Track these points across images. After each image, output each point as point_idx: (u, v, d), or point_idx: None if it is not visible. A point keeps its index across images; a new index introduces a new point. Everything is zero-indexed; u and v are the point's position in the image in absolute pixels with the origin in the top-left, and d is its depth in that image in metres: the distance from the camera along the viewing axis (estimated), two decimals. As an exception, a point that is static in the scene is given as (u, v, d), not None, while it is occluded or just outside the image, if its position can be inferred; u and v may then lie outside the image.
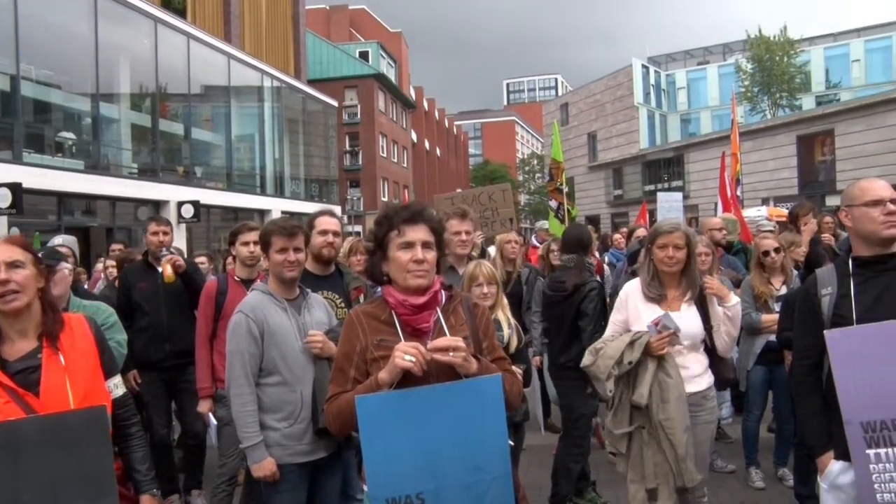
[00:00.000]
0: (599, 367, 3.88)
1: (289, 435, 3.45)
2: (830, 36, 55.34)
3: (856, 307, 2.89)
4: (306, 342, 3.50)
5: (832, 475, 2.94)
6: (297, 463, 3.45)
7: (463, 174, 79.65)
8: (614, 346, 3.91)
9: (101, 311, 4.26)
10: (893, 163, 28.33)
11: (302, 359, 3.50)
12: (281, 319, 3.51)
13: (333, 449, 3.57)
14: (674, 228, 4.02)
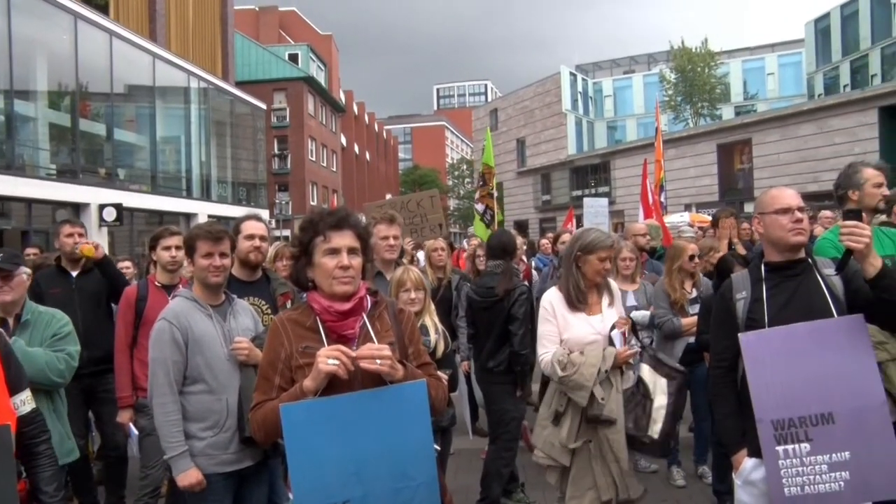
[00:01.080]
0: (584, 374, 3.87)
1: (214, 444, 3.38)
2: (747, 49, 57.72)
3: (767, 311, 3.02)
4: (232, 349, 3.43)
5: (746, 472, 3.06)
6: (222, 472, 3.38)
7: (392, 179, 79.47)
8: (594, 353, 3.93)
9: (56, 320, 4.02)
10: (805, 171, 29.57)
11: (227, 366, 3.43)
12: (206, 326, 3.44)
13: (260, 458, 3.51)
14: (612, 242, 4.13)
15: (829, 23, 42.08)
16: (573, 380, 3.87)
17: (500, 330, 5.33)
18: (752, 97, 52.68)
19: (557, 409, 4.05)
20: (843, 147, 28.61)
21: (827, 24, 42.36)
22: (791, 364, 2.87)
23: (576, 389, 3.87)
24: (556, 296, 4.19)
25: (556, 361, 3.93)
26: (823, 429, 2.83)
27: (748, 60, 54.48)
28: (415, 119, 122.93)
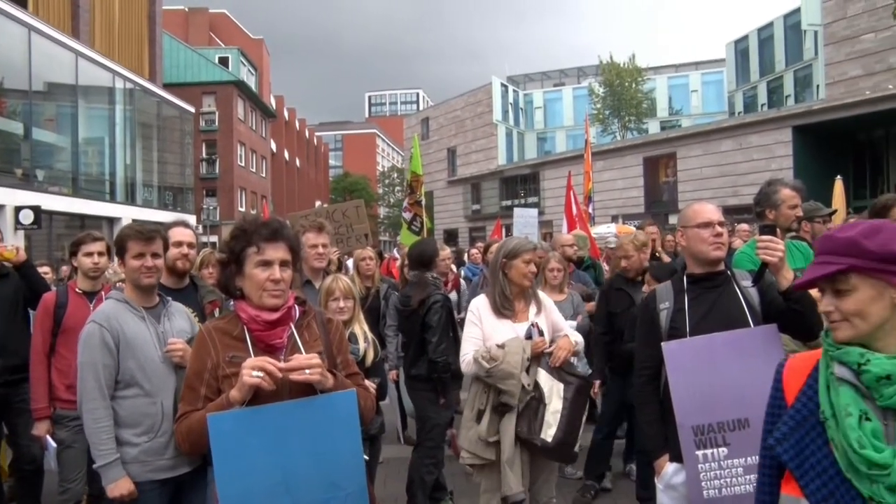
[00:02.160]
0: (510, 362, 3.92)
1: (148, 450, 3.26)
2: (673, 67, 59.41)
3: (689, 321, 3.14)
4: (167, 351, 3.34)
5: (667, 476, 3.17)
6: (158, 479, 3.27)
7: (323, 186, 78.82)
8: (514, 343, 4.01)
9: None
10: (726, 185, 30.65)
11: (162, 368, 3.34)
12: (138, 328, 3.34)
13: (198, 463, 3.38)
14: (535, 245, 4.23)
15: (748, 44, 43.69)
16: (501, 369, 3.93)
17: (419, 338, 5.41)
18: (676, 113, 54.25)
19: (479, 407, 4.11)
20: (761, 163, 29.79)
21: (746, 45, 43.98)
22: (710, 372, 2.98)
23: (505, 378, 3.94)
24: (483, 302, 4.27)
25: (479, 357, 3.99)
26: (740, 433, 2.95)
27: (673, 77, 56.13)
28: (346, 126, 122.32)
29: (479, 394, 4.13)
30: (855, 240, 1.75)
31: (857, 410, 1.67)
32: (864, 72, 27.61)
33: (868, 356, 1.68)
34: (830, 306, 1.76)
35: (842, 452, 1.68)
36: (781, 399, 1.89)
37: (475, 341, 4.17)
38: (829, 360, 1.79)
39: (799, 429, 1.80)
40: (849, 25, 28.30)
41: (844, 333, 1.74)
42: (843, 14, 28.60)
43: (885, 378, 1.65)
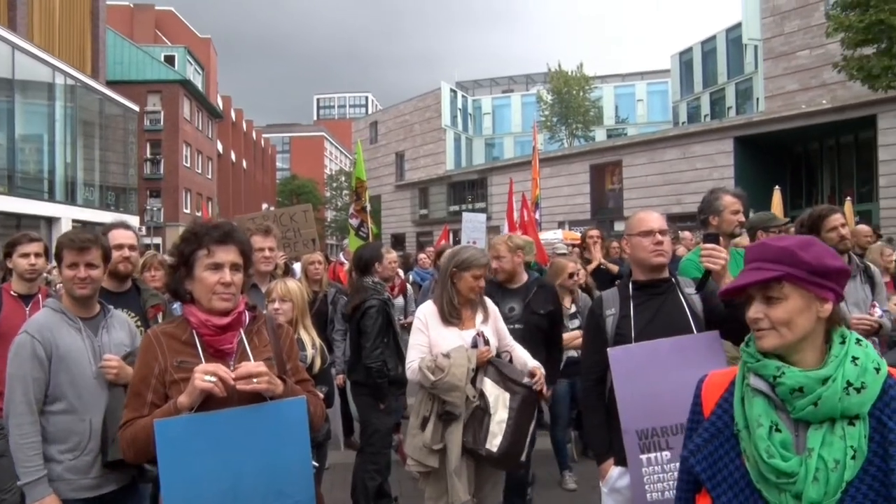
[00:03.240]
0: (455, 374, 3.91)
1: (73, 468, 3.14)
2: (619, 76, 60.49)
3: (634, 327, 3.20)
4: (100, 367, 3.20)
5: (612, 480, 3.22)
6: (81, 498, 3.15)
7: (270, 188, 77.94)
8: (460, 354, 3.99)
9: None
10: (670, 194, 31.30)
11: (94, 384, 3.20)
12: (73, 341, 3.20)
13: (126, 482, 3.29)
14: (487, 261, 4.24)
15: (692, 56, 44.70)
16: (446, 382, 3.92)
17: (357, 343, 5.43)
18: (622, 121, 55.21)
19: (424, 414, 4.11)
20: (704, 172, 30.51)
21: (690, 57, 44.98)
22: (654, 377, 3.04)
23: (450, 391, 3.93)
24: (430, 309, 4.26)
25: (424, 367, 3.99)
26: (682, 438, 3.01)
27: (620, 86, 57.13)
28: (294, 128, 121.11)
29: (425, 401, 4.13)
30: (791, 249, 1.81)
31: (768, 421, 1.74)
32: (800, 86, 28.52)
33: (784, 369, 1.75)
34: (760, 313, 1.81)
35: (753, 463, 1.75)
36: (700, 413, 1.96)
37: (421, 348, 4.16)
38: (745, 372, 1.85)
39: (713, 441, 1.86)
40: (786, 42, 29.21)
41: (771, 342, 1.79)
42: (780, 31, 29.51)
43: (798, 391, 1.71)
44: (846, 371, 1.72)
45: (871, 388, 1.71)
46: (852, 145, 29.10)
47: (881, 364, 1.76)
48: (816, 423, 1.71)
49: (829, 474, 1.66)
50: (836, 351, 1.76)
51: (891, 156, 25.10)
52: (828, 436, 1.69)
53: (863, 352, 1.77)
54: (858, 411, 1.69)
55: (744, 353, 1.87)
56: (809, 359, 1.78)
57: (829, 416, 1.70)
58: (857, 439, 1.68)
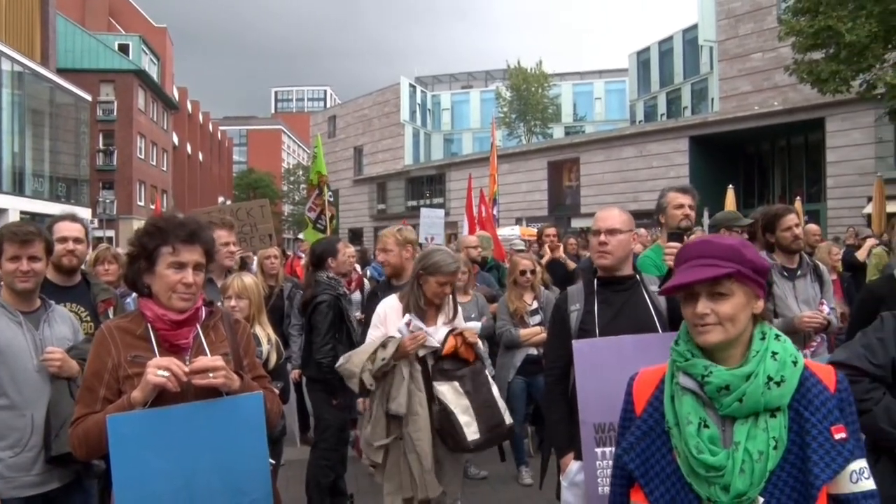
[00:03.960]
0: (353, 361, 3.94)
1: (14, 465, 3.05)
2: (578, 74, 60.92)
3: (598, 322, 3.23)
4: (43, 360, 3.12)
5: (571, 474, 3.25)
6: (23, 497, 3.06)
7: (226, 181, 76.98)
8: (367, 344, 4.05)
9: None
10: (627, 191, 31.65)
11: (36, 379, 3.12)
12: (13, 334, 3.12)
13: (70, 479, 3.20)
14: (457, 268, 4.19)
15: (650, 56, 45.21)
16: (345, 368, 3.98)
17: (309, 339, 5.41)
18: (580, 119, 55.65)
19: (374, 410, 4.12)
20: (660, 170, 30.94)
21: (647, 57, 45.50)
22: (616, 372, 3.04)
23: (349, 378, 3.99)
24: (392, 304, 4.24)
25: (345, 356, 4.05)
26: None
27: (578, 84, 57.54)
28: (251, 121, 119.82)
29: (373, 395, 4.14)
30: (737, 247, 1.89)
31: (696, 419, 1.82)
32: (753, 88, 29.08)
33: (711, 368, 1.83)
34: (707, 309, 1.85)
35: (684, 458, 1.83)
36: (632, 411, 2.03)
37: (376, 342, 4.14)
38: (674, 371, 1.93)
39: (645, 438, 1.94)
40: (740, 44, 29.74)
41: (716, 337, 1.85)
42: (735, 33, 30.03)
43: (725, 388, 1.80)
44: (767, 366, 1.81)
45: (790, 381, 1.81)
46: (802, 147, 29.81)
47: (798, 357, 1.86)
48: (742, 418, 1.80)
49: (754, 465, 1.75)
50: (756, 346, 1.85)
51: (837, 158, 25.78)
52: (752, 429, 1.79)
53: (781, 346, 1.86)
54: (779, 403, 1.79)
55: (673, 353, 1.94)
56: (738, 354, 1.87)
57: (754, 410, 1.79)
58: (778, 430, 1.78)
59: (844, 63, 15.91)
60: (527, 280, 6.24)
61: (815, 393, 1.81)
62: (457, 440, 3.98)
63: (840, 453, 1.76)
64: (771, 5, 27.47)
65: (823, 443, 1.76)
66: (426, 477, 3.94)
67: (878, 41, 15.34)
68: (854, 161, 25.23)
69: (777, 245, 4.51)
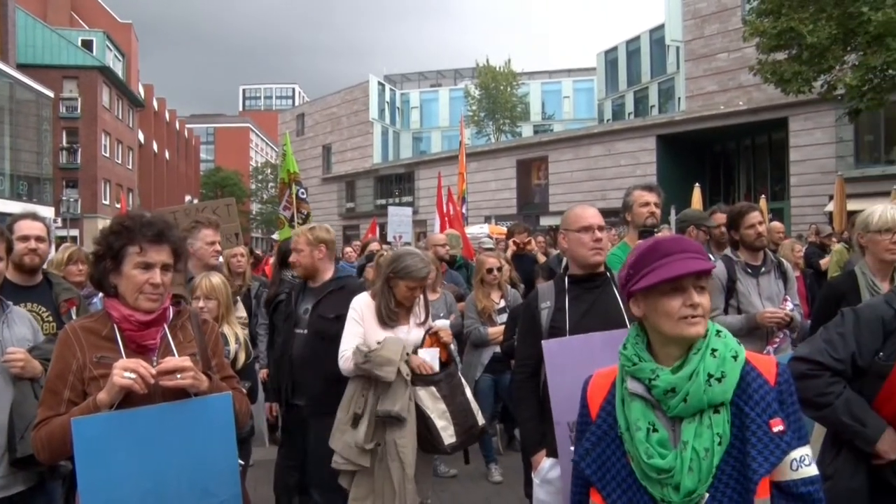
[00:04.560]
0: (390, 348, 3.91)
1: None
2: (546, 73, 61.23)
3: (569, 320, 3.24)
4: (4, 360, 3.03)
5: (544, 471, 3.25)
6: None
7: (193, 180, 76.10)
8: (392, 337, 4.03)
9: None
10: (595, 189, 31.90)
11: None
12: None
13: (34, 481, 3.13)
14: (427, 272, 4.19)
15: (617, 55, 45.54)
16: (380, 355, 3.89)
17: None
18: (549, 117, 55.86)
19: (356, 411, 4.05)
20: (627, 169, 31.21)
21: (615, 56, 45.84)
22: (587, 370, 3.07)
23: (384, 365, 3.89)
24: (366, 301, 4.24)
25: (357, 349, 3.98)
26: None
27: (547, 83, 57.79)
28: (219, 119, 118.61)
29: (357, 396, 4.09)
30: (700, 247, 1.98)
31: (645, 424, 1.85)
32: (719, 88, 29.45)
33: (658, 372, 1.86)
34: (698, 300, 1.87)
35: (636, 462, 1.85)
36: (587, 415, 2.05)
37: (357, 338, 4.12)
38: (623, 375, 1.95)
39: (600, 443, 1.96)
40: (706, 44, 30.10)
41: (702, 328, 1.88)
42: (701, 33, 30.39)
43: (671, 391, 1.83)
44: (707, 364, 1.84)
45: (731, 376, 1.84)
46: (766, 145, 30.27)
47: (739, 352, 1.89)
48: (689, 417, 1.83)
49: (701, 463, 1.79)
50: (698, 344, 1.88)
51: (800, 157, 26.23)
52: (698, 427, 1.81)
53: (721, 342, 1.89)
54: (722, 399, 1.82)
55: (621, 357, 1.96)
56: (673, 355, 1.91)
57: (699, 408, 1.82)
58: (721, 426, 1.81)
59: (806, 64, 16.19)
60: (493, 278, 6.26)
61: (754, 387, 1.84)
62: (434, 444, 4.00)
63: (778, 446, 1.79)
64: (736, 6, 27.83)
65: (762, 437, 1.79)
66: (407, 486, 3.93)
67: (837, 43, 15.63)
68: (816, 160, 25.69)
69: (741, 242, 4.57)
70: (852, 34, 15.44)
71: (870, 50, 15.21)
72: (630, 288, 1.97)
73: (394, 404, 3.92)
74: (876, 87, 15.98)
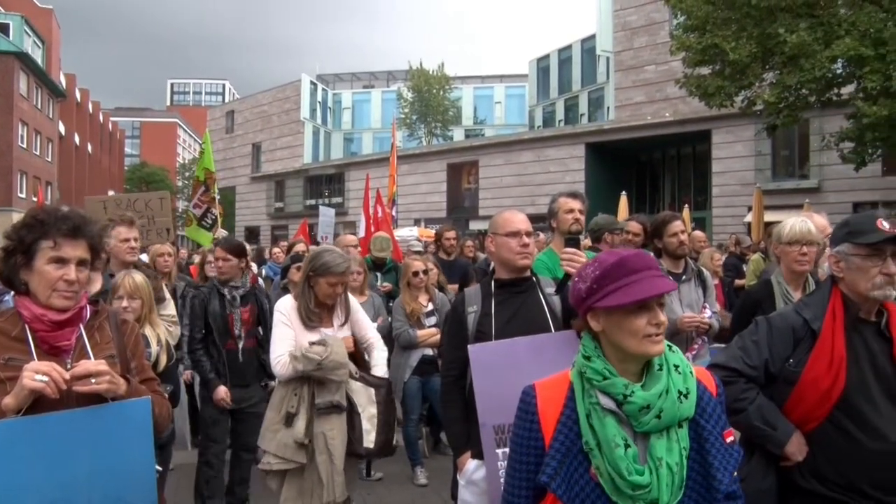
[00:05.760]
0: (338, 352, 3.93)
1: None
2: (479, 78, 61.72)
3: (495, 324, 3.27)
4: None
5: (469, 472, 3.27)
6: None
7: (117, 175, 73.92)
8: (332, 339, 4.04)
9: None
10: (525, 195, 32.30)
11: None
12: None
13: None
14: (346, 268, 4.16)
15: (549, 63, 46.23)
16: (332, 360, 3.90)
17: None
18: (480, 122, 56.30)
19: (289, 410, 4.03)
20: (557, 175, 31.72)
21: (547, 64, 46.51)
22: (512, 374, 3.08)
23: (336, 369, 3.93)
24: (292, 304, 4.20)
25: (302, 354, 3.94)
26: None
27: (479, 88, 58.21)
28: (145, 113, 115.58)
29: (289, 396, 4.06)
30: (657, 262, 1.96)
31: (622, 440, 1.83)
32: (646, 99, 30.19)
33: (632, 388, 1.85)
34: (662, 318, 1.87)
35: (608, 479, 1.83)
36: (537, 431, 1.97)
37: (289, 342, 4.09)
38: (586, 388, 1.91)
39: (565, 461, 1.91)
40: (635, 56, 30.83)
41: (663, 346, 1.89)
42: (630, 45, 31.11)
43: (646, 408, 1.83)
44: (675, 381, 1.86)
45: (693, 391, 1.87)
46: (691, 156, 31.23)
47: (689, 366, 1.93)
48: (657, 433, 1.84)
49: (674, 477, 1.81)
50: (658, 360, 1.89)
51: (722, 168, 27.14)
52: (668, 442, 1.83)
53: (678, 358, 1.93)
54: (688, 414, 1.86)
55: (587, 370, 1.91)
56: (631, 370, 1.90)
57: (669, 424, 1.83)
58: (686, 440, 1.85)
59: (728, 79, 16.76)
60: (420, 281, 6.28)
61: (706, 400, 1.89)
62: (352, 443, 3.99)
63: (732, 456, 1.86)
64: (664, 21, 28.57)
65: (720, 448, 1.85)
66: (336, 478, 3.92)
67: (757, 61, 16.24)
68: (736, 172, 26.62)
69: (664, 250, 4.70)
70: (770, 53, 16.06)
71: (786, 69, 15.87)
72: (593, 304, 1.91)
73: (333, 395, 3.95)
74: (791, 104, 16.72)
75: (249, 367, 5.35)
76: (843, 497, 2.54)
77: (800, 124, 19.42)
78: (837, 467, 2.55)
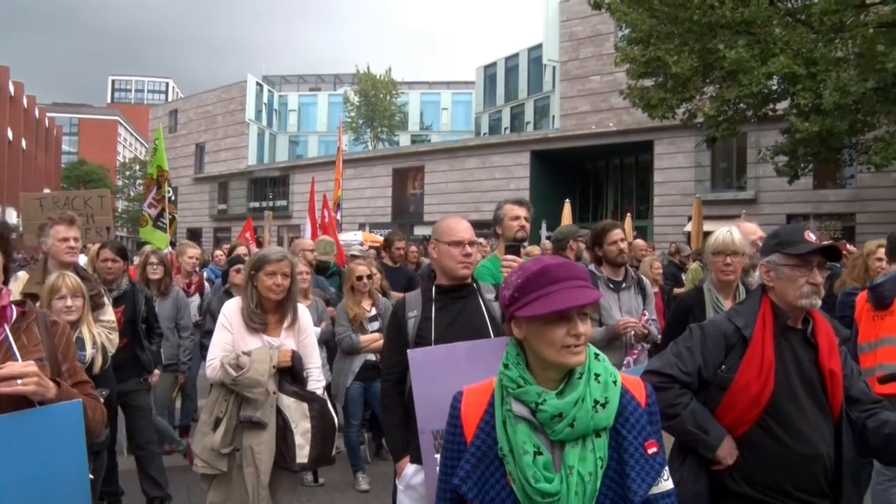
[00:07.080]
0: (258, 370, 3.82)
1: None
2: (426, 83, 61.89)
3: (434, 329, 3.28)
4: None
5: (407, 477, 3.27)
6: None
7: (53, 172, 71.84)
8: (261, 351, 3.94)
9: None
10: (469, 201, 32.56)
11: None
12: None
13: None
14: (282, 256, 4.08)
15: (496, 71, 46.53)
16: (248, 377, 3.82)
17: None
18: (427, 128, 56.43)
19: (218, 415, 3.97)
20: (502, 182, 31.99)
21: (494, 71, 46.80)
22: (450, 379, 3.08)
23: (252, 387, 3.84)
24: (236, 307, 4.14)
25: (226, 364, 3.87)
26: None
27: (426, 94, 58.37)
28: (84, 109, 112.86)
29: (220, 401, 3.99)
30: (587, 272, 1.96)
31: (532, 447, 1.83)
32: (591, 108, 30.69)
33: (545, 396, 1.85)
34: (582, 329, 1.86)
35: (519, 485, 1.84)
36: (460, 435, 2.00)
37: (225, 346, 4.02)
38: (504, 396, 1.92)
39: (480, 465, 1.92)
40: (581, 66, 31.32)
41: (585, 356, 1.88)
42: (576, 55, 31.59)
43: (558, 416, 1.83)
44: (592, 390, 1.86)
45: (613, 401, 1.87)
46: (634, 166, 31.84)
47: (616, 376, 1.93)
48: (572, 441, 1.84)
49: (586, 486, 1.80)
50: (580, 369, 1.88)
51: (663, 178, 27.74)
52: (582, 451, 1.83)
53: (602, 367, 1.92)
54: (605, 424, 1.85)
55: (503, 377, 1.93)
56: (551, 378, 1.90)
57: (584, 433, 1.83)
58: (603, 450, 1.84)
59: (671, 92, 17.17)
60: (363, 286, 6.25)
61: (630, 410, 1.89)
62: (285, 457, 3.94)
63: (653, 467, 1.86)
64: (609, 32, 29.08)
65: (639, 459, 1.85)
66: (261, 492, 3.86)
67: (698, 75, 16.68)
68: (677, 182, 27.24)
69: (604, 258, 4.78)
70: (711, 68, 16.51)
71: (725, 84, 16.34)
72: (514, 311, 1.91)
73: (255, 411, 3.87)
74: (730, 118, 17.24)
75: (127, 364, 5.28)
76: (771, 499, 2.61)
77: (738, 137, 20.04)
78: (766, 470, 2.63)
